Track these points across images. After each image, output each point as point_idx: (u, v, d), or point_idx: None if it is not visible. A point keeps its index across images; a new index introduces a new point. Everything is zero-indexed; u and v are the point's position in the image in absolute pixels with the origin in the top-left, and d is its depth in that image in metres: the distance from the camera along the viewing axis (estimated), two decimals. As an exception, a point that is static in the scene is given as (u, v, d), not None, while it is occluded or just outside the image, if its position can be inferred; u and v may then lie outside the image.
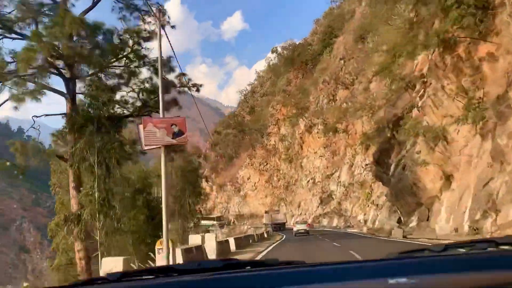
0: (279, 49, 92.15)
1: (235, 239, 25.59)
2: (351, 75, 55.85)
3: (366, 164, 45.14)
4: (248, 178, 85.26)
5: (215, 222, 62.37)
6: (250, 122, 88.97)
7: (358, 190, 46.83)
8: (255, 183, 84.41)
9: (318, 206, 56.95)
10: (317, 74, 65.97)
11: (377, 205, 41.42)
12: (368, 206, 45.44)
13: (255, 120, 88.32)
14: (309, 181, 60.77)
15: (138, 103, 18.72)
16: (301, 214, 64.48)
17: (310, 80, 70.72)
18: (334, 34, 66.21)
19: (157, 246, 12.20)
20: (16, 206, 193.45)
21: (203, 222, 71.44)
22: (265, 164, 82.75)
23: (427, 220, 25.53)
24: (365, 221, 44.77)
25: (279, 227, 52.96)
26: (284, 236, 41.66)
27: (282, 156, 77.78)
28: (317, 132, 59.73)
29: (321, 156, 58.28)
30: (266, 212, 63.41)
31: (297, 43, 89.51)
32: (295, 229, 37.74)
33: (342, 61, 58.31)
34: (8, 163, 17.32)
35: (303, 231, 36.28)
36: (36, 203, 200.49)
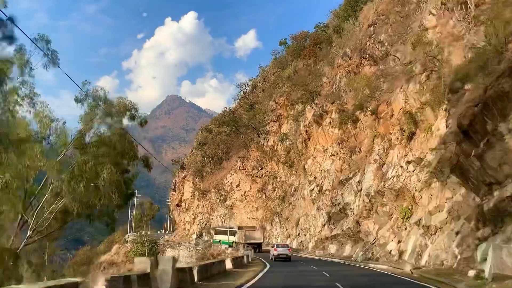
0: (288, 41, 77.36)
1: (201, 266, 16.88)
2: (383, 46, 40.05)
3: (409, 161, 28.62)
4: (238, 185, 68.69)
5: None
6: (248, 119, 72.99)
7: (390, 202, 30.22)
8: (245, 192, 67.78)
9: (324, 225, 40.24)
10: (335, 49, 50.26)
11: (428, 227, 24.74)
12: (406, 228, 28.76)
13: (253, 116, 72.40)
14: (313, 189, 44.12)
15: None
16: (299, 235, 47.71)
17: (323, 61, 55.04)
18: (361, 1, 50.72)
19: None
20: None
21: (217, 237, 55.33)
22: (260, 168, 66.27)
23: None
24: (401, 253, 28.03)
25: (254, 247, 41.83)
26: (267, 266, 25.97)
27: (281, 159, 61.39)
28: (330, 123, 43.42)
29: (333, 155, 41.76)
30: (239, 228, 48.60)
31: (310, 32, 74.54)
32: (274, 252, 32.76)
33: (371, 28, 42.60)
34: None
35: (284, 256, 31.97)
36: None
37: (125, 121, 21.88)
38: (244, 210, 67.38)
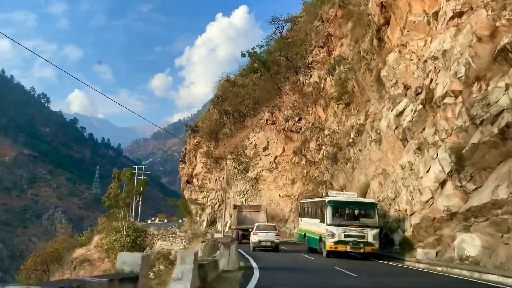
0: None
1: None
2: None
3: None
4: (265, 148, 45.56)
5: None
6: (281, 49, 49.34)
7: None
8: (275, 157, 44.49)
9: (442, 184, 16.19)
10: None
11: None
12: None
13: (287, 46, 48.85)
14: (404, 110, 19.83)
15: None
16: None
17: None
18: None
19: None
20: (52, 195, 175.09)
21: None
22: (297, 119, 42.62)
23: None
24: None
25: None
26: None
27: (331, 100, 37.57)
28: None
29: (460, 14, 17.33)
30: (234, 207, 34.38)
31: None
32: (254, 239, 22.85)
33: None
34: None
35: (268, 243, 22.39)
36: (72, 193, 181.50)
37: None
38: (274, 184, 44.16)
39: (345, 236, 18.33)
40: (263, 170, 45.17)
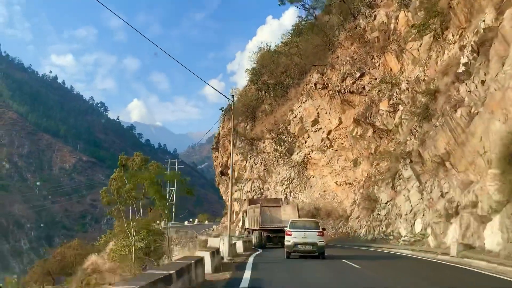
0: None
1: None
2: None
3: None
4: (314, 122, 33.58)
5: None
6: None
7: None
8: (329, 131, 32.32)
9: None
10: None
11: None
12: None
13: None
14: None
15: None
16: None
17: None
18: None
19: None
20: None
21: None
22: (358, 76, 30.22)
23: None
24: None
25: (280, 237, 21.42)
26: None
27: (410, 35, 24.94)
28: None
29: None
30: (250, 202, 27.85)
31: None
32: (288, 241, 15.82)
33: None
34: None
35: (309, 246, 15.26)
36: None
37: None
38: (329, 169, 31.94)
39: None
40: (312, 151, 33.26)
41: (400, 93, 26.20)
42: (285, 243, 16.15)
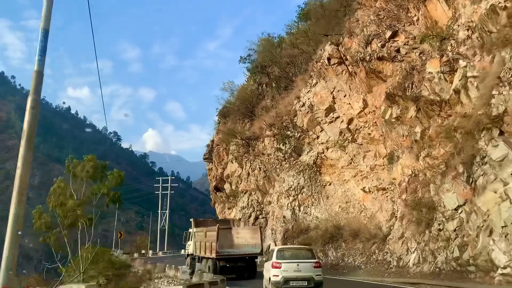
0: None
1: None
2: None
3: None
4: (329, 109, 24.62)
5: None
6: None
7: None
8: (350, 119, 23.28)
9: None
10: None
11: None
12: None
13: None
14: None
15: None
16: None
17: None
18: None
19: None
20: (121, 229, 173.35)
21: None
22: (388, 38, 21.44)
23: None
24: None
25: (239, 267, 19.40)
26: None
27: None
28: None
29: None
30: (197, 223, 23.52)
31: None
32: (276, 275, 11.65)
33: None
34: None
35: (304, 283, 11.32)
36: (140, 227, 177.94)
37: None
38: (352, 171, 22.51)
39: None
40: (327, 149, 24.06)
41: (458, 45, 17.21)
42: (272, 278, 12.29)
